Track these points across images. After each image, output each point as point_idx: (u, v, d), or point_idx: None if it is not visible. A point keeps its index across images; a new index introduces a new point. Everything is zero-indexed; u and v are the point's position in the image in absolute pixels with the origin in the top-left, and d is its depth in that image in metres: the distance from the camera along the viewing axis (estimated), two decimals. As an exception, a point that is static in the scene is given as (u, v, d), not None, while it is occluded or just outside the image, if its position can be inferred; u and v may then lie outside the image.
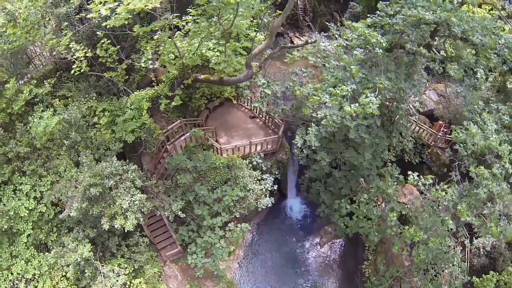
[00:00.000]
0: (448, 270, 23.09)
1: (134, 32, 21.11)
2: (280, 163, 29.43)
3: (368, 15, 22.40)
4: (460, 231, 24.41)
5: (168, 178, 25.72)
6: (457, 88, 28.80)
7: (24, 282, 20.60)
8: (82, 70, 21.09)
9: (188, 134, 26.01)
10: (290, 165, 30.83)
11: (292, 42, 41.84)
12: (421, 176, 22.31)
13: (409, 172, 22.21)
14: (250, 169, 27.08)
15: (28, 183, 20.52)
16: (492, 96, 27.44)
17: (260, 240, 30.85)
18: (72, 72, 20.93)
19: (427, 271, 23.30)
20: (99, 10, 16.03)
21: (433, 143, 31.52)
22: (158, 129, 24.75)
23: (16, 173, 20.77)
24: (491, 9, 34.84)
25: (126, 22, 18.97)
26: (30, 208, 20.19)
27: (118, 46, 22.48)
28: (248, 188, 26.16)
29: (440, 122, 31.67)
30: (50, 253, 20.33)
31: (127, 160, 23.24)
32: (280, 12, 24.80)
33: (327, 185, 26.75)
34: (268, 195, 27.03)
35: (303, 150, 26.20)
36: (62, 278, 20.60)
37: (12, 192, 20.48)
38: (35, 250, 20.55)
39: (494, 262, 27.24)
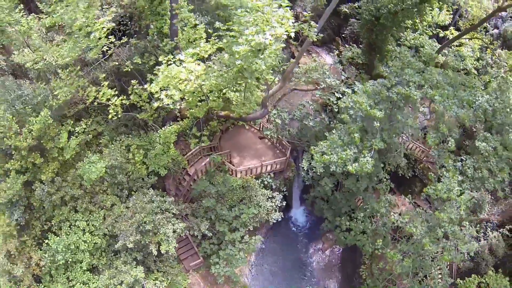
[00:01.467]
0: (432, 273, 27.99)
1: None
2: (287, 180, 33.71)
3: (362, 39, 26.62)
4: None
5: (188, 197, 29.92)
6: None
7: None
8: (119, 115, 24.61)
9: (208, 160, 29.98)
10: (295, 181, 35.08)
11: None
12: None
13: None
14: (262, 188, 31.15)
15: (83, 219, 24.46)
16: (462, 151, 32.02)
17: (268, 246, 35.26)
18: (110, 117, 24.32)
19: (416, 274, 27.87)
20: (162, 99, 19.66)
21: (425, 158, 35.65)
22: (184, 160, 28.74)
23: (71, 211, 24.81)
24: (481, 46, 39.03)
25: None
26: (87, 240, 24.20)
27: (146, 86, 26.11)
28: (260, 205, 30.30)
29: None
30: (102, 275, 24.53)
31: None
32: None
33: (329, 203, 31.21)
34: (277, 210, 31.19)
35: (309, 172, 30.48)
36: None
37: (69, 228, 24.39)
38: (90, 273, 24.79)
39: (478, 266, 31.90)
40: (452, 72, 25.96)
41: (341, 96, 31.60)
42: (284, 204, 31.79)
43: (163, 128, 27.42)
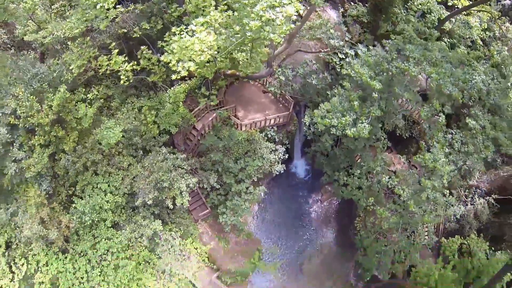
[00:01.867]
0: (419, 231, 30.50)
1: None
2: (289, 133, 35.26)
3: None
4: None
5: (196, 151, 31.57)
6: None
7: (111, 254, 26.76)
8: (130, 80, 25.53)
9: (214, 115, 31.32)
10: (297, 134, 36.62)
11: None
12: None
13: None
14: (265, 141, 32.69)
15: (104, 181, 26.27)
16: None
17: (271, 196, 37.34)
18: (122, 82, 25.25)
19: (405, 229, 30.15)
20: (179, 72, 20.50)
21: (422, 120, 36.78)
22: (192, 117, 30.06)
23: (92, 175, 26.56)
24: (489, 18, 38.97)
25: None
26: (109, 200, 26.11)
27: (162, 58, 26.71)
28: (264, 158, 31.94)
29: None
30: (124, 230, 26.75)
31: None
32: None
33: (329, 158, 32.98)
34: (280, 162, 32.87)
35: (310, 127, 31.99)
36: (142, 247, 27.23)
37: (91, 191, 26.22)
38: (113, 230, 26.93)
39: (463, 229, 34.35)
40: (453, 50, 26.97)
41: (343, 57, 32.44)
42: (286, 156, 33.40)
43: (172, 88, 28.48)
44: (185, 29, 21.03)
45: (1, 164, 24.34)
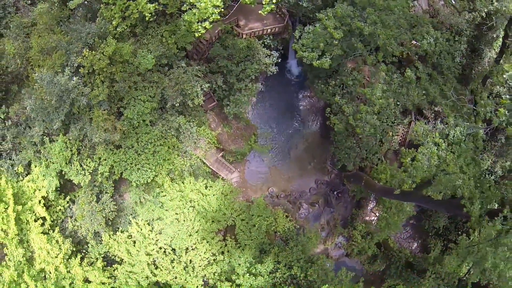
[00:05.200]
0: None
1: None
2: (284, 40, 43.37)
3: None
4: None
5: (206, 57, 40.13)
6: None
7: (150, 144, 36.18)
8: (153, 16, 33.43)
9: (219, 28, 39.17)
10: (291, 38, 44.52)
11: None
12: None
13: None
14: (262, 48, 40.92)
15: (143, 94, 35.37)
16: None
17: (267, 90, 46.46)
18: (147, 19, 33.01)
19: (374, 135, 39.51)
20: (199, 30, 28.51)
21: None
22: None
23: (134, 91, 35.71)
24: None
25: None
26: (148, 107, 35.28)
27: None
28: (261, 61, 40.48)
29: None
30: (156, 125, 36.59)
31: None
32: None
33: (311, 67, 40.93)
34: (274, 64, 41.29)
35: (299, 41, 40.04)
36: (170, 136, 37.03)
37: (134, 102, 35.26)
38: (150, 127, 36.54)
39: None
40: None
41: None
42: (279, 60, 41.75)
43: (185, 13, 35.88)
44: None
45: (72, 99, 33.40)
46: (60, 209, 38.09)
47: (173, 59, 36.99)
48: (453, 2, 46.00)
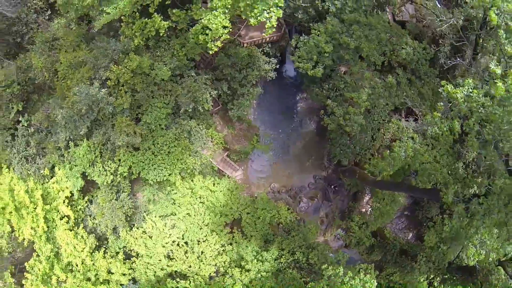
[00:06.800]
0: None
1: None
2: (281, 47, 48.10)
3: None
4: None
5: (211, 65, 44.77)
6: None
7: (165, 145, 40.51)
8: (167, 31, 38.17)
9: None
10: (288, 46, 49.22)
11: None
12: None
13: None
14: (262, 55, 45.57)
15: (159, 101, 39.92)
16: None
17: (266, 94, 51.02)
18: (161, 34, 37.67)
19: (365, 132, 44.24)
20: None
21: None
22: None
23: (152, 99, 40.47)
24: None
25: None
26: (163, 113, 39.80)
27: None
28: (261, 67, 45.14)
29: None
30: (170, 128, 40.98)
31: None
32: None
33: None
34: (273, 70, 45.91)
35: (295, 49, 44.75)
36: (183, 138, 41.25)
37: (152, 108, 39.79)
38: (165, 130, 41.01)
39: None
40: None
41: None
42: (278, 66, 46.39)
43: (193, 28, 40.38)
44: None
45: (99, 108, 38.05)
46: (80, 209, 42.77)
47: (184, 69, 41.68)
48: (438, 6, 50.87)
